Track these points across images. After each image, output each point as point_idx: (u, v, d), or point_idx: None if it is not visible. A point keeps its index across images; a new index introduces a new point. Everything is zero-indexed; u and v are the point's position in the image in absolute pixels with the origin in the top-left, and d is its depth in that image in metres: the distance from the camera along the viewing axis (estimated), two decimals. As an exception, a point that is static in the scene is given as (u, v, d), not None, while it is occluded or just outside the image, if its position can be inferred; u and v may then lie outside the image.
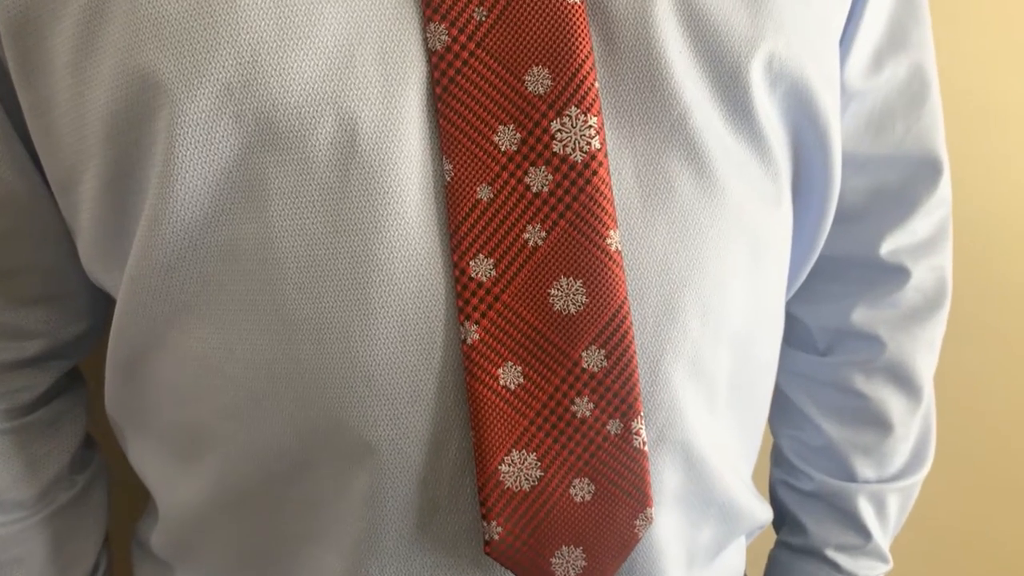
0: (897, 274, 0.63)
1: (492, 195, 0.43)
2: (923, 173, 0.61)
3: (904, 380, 0.64)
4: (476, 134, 0.43)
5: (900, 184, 0.61)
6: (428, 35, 0.43)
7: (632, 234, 0.45)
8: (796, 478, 0.68)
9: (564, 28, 0.43)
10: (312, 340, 0.44)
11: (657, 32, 0.44)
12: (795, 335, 0.67)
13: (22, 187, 0.50)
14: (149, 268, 0.45)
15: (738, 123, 0.47)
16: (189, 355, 0.47)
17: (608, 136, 0.45)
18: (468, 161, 0.43)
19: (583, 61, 0.43)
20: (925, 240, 0.63)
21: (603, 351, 0.44)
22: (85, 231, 0.48)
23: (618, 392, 0.44)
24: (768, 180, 0.49)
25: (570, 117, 0.43)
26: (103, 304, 0.56)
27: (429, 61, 0.43)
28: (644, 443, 0.45)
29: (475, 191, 0.43)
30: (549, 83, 0.43)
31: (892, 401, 0.64)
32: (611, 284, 0.43)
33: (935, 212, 0.63)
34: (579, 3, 0.43)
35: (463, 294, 0.43)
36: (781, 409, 0.69)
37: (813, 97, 0.49)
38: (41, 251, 0.53)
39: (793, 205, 0.53)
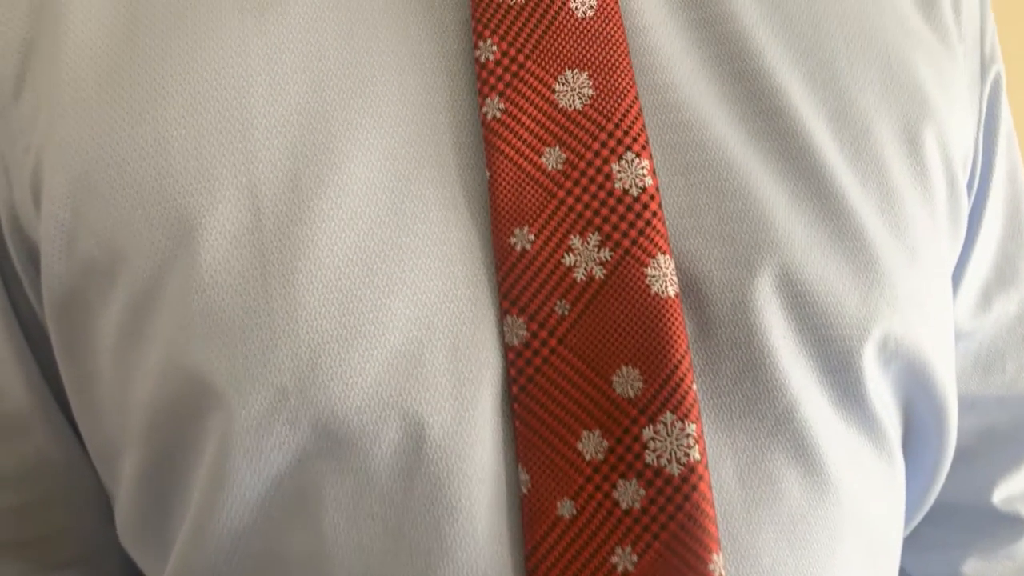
0: (1013, 524, 0.57)
1: (575, 511, 0.38)
2: None
3: None
4: (557, 440, 0.38)
5: (1013, 426, 0.56)
6: (505, 329, 0.39)
7: (735, 547, 0.39)
8: None
9: (657, 324, 0.38)
10: None
11: (759, 316, 0.39)
12: None
13: (59, 456, 0.46)
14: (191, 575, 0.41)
15: (849, 409, 0.41)
16: None
17: (705, 433, 0.40)
18: (548, 471, 0.38)
19: (679, 360, 0.38)
20: None
21: None
22: (122, 506, 0.44)
23: None
24: (883, 463, 0.43)
25: (665, 424, 0.38)
26: None
27: (505, 357, 0.38)
28: None
29: (555, 506, 0.38)
30: (640, 385, 0.38)
31: None
32: None
33: None
34: (674, 297, 0.38)
35: None
36: None
37: (929, 371, 0.43)
38: (76, 516, 0.49)
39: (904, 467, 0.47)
